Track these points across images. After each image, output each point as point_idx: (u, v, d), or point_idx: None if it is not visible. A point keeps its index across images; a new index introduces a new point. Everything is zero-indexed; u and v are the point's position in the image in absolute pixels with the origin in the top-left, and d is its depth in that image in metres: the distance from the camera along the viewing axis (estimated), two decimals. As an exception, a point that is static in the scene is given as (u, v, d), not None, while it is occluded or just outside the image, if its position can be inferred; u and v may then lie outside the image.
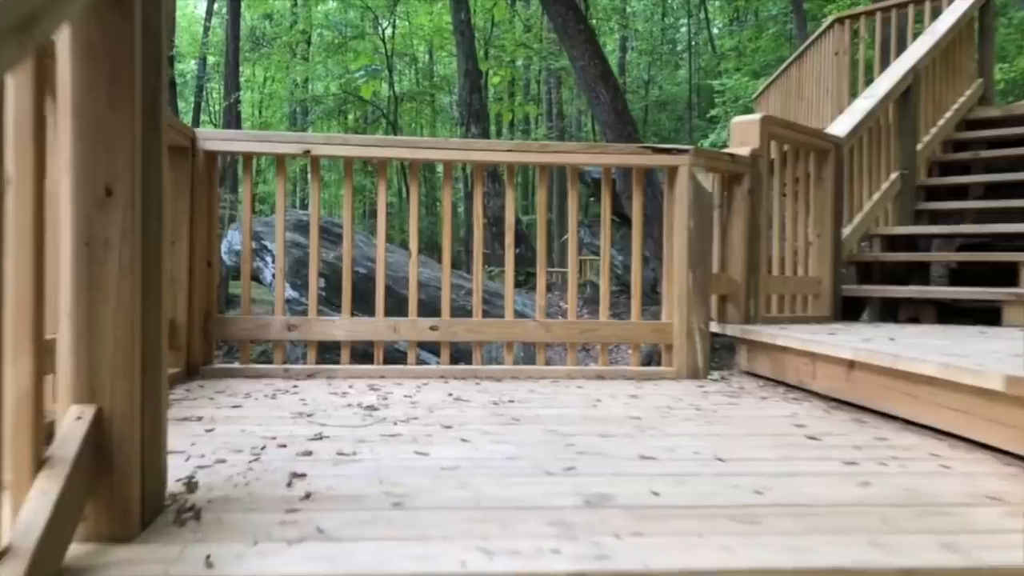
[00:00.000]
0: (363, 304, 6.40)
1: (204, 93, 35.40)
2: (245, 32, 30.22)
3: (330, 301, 6.84)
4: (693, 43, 40.36)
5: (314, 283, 4.19)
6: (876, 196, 5.82)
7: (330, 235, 8.10)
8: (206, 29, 33.33)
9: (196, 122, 35.22)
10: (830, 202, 5.19)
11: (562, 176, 26.86)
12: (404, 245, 29.44)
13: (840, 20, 8.06)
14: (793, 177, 5.12)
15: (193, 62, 34.53)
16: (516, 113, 17.45)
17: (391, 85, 22.29)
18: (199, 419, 2.84)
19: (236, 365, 4.03)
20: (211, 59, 32.54)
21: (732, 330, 4.45)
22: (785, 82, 9.92)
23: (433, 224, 29.34)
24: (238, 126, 25.78)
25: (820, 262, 5.20)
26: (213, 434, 2.55)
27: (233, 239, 7.50)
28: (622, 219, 9.42)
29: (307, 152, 4.07)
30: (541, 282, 4.42)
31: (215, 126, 36.83)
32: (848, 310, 5.39)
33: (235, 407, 3.09)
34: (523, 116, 27.42)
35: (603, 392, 3.63)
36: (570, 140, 27.37)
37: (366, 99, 15.55)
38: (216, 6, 34.41)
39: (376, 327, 4.15)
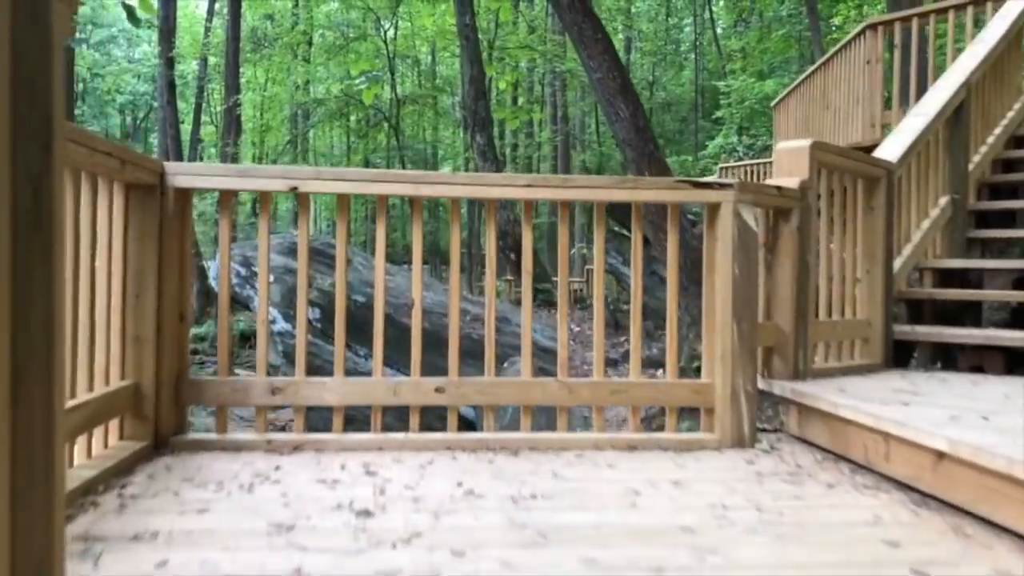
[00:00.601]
0: (360, 336, 5.80)
1: (205, 94, 34.85)
2: (246, 33, 29.64)
3: (325, 333, 6.28)
4: (697, 43, 39.76)
5: (302, 333, 3.63)
6: (926, 224, 5.25)
7: (325, 258, 7.49)
8: (207, 30, 32.75)
9: (197, 123, 34.66)
10: (881, 235, 4.62)
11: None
12: (406, 259, 28.90)
13: (872, 26, 7.48)
14: (841, 206, 4.56)
15: (194, 63, 33.97)
16: (521, 118, 16.87)
17: (393, 87, 21.73)
18: (153, 536, 2.27)
19: (212, 436, 3.47)
20: (212, 60, 31.97)
21: (780, 388, 3.88)
22: (807, 89, 9.35)
23: (436, 229, 28.75)
24: (238, 130, 25.21)
25: (870, 302, 4.63)
26: (165, 573, 1.99)
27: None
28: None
29: (294, 189, 3.51)
30: (563, 332, 3.85)
31: (215, 127, 36.28)
32: (896, 352, 4.82)
33: (201, 511, 2.52)
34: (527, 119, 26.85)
35: (640, 476, 3.06)
36: (575, 143, 26.81)
37: (367, 104, 14.99)
38: (217, 6, 33.84)
39: (373, 389, 3.59)
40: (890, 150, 4.80)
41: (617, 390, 3.74)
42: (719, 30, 37.38)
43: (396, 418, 4.24)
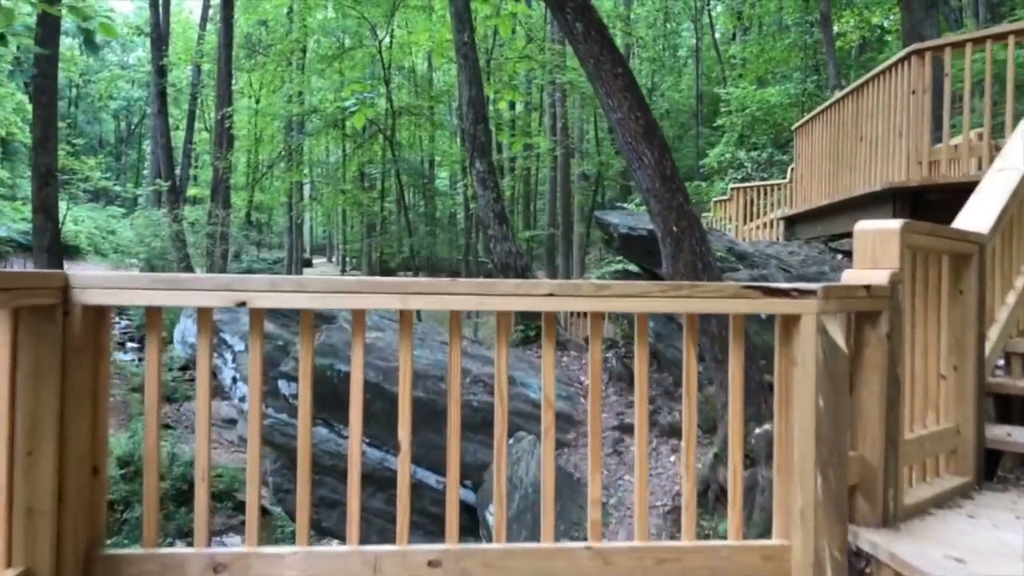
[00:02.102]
0: (345, 412, 4.88)
1: (199, 100, 33.94)
2: (240, 40, 28.72)
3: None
4: (697, 49, 38.87)
5: (254, 490, 2.76)
6: (1012, 298, 4.38)
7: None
8: (200, 37, 31.83)
9: (190, 130, 33.75)
10: (972, 323, 3.75)
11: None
12: (399, 264, 28.01)
13: (919, 52, 6.60)
14: (923, 289, 3.68)
15: (188, 69, 33.05)
16: (522, 141, 15.94)
17: (388, 98, 20.82)
18: None
19: (131, 637, 2.59)
20: (206, 66, 31.03)
21: (869, 544, 3.01)
22: (836, 115, 8.47)
23: (432, 241, 27.82)
24: (229, 143, 24.31)
25: (958, 404, 3.76)
26: None
27: (187, 329, 5.99)
28: (651, 275, 7.97)
29: (242, 304, 2.63)
30: (595, 487, 2.98)
31: (208, 133, 35.32)
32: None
33: None
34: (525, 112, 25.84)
35: None
36: (574, 152, 25.87)
37: (358, 127, 14.15)
38: (210, 12, 32.91)
39: (346, 564, 2.71)
40: (978, 218, 3.93)
41: (665, 558, 2.86)
42: (717, 34, 36.52)
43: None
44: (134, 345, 26.04)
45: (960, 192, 6.62)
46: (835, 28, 25.95)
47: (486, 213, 9.73)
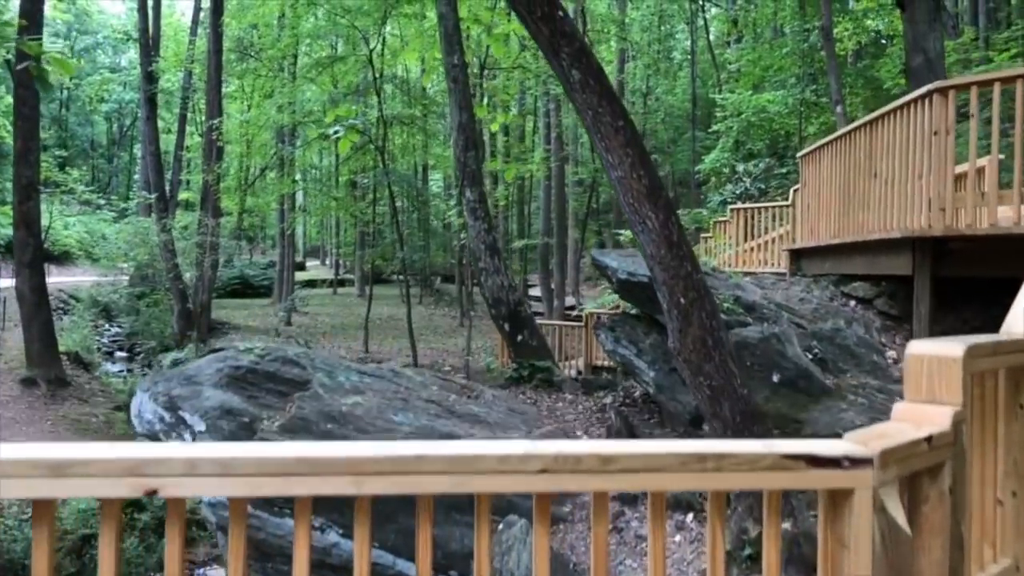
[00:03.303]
0: (324, 501, 4.25)
1: (191, 104, 33.24)
2: (231, 43, 28.03)
3: (271, 502, 4.76)
4: (692, 52, 38.33)
5: None
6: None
7: (279, 384, 5.91)
8: (191, 42, 31.12)
9: (181, 135, 33.03)
10: (1033, 445, 3.18)
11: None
12: (393, 271, 27.31)
13: (941, 91, 6.03)
14: (980, 411, 3.12)
15: (180, 73, 32.36)
16: (520, 171, 15.36)
17: (380, 108, 20.22)
18: None
19: None
20: (198, 69, 30.35)
21: None
22: (846, 147, 7.91)
23: (425, 255, 27.21)
24: (219, 156, 23.67)
25: (1017, 535, 3.20)
26: None
27: (143, 405, 5.37)
28: (650, 320, 7.39)
29: (152, 493, 2.04)
30: None
31: (200, 136, 34.62)
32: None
33: None
34: (518, 135, 25.32)
35: None
36: (574, 166, 25.28)
37: (341, 153, 13.65)
38: (201, 15, 32.19)
39: None
40: (1037, 318, 3.35)
41: None
42: (712, 38, 35.94)
43: None
44: (123, 355, 25.43)
45: (986, 242, 6.09)
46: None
47: (477, 244, 9.18)
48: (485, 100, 17.78)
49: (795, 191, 10.98)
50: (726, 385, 4.45)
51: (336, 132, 8.60)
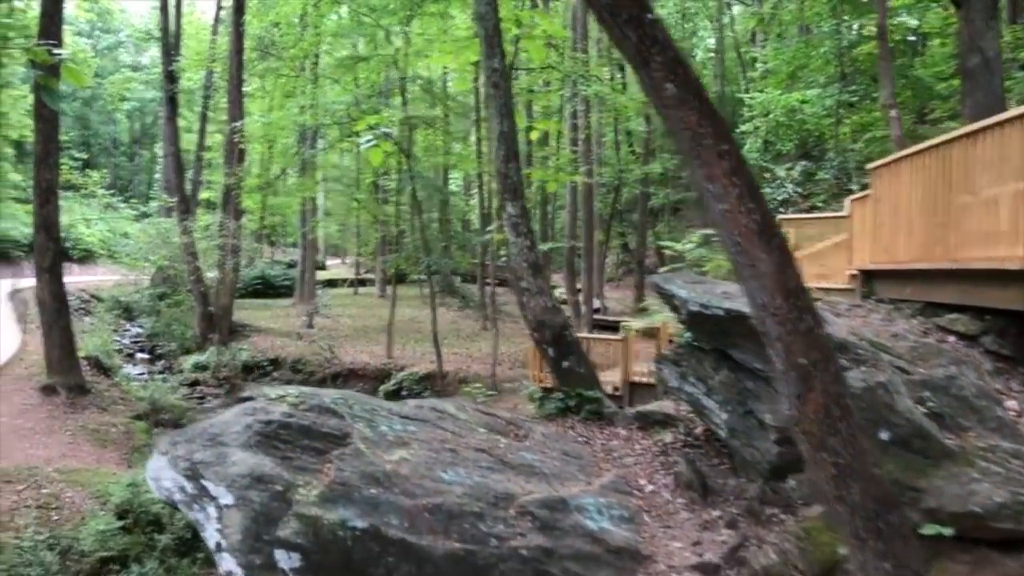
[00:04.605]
0: None
1: (211, 103, 32.58)
2: (252, 42, 27.28)
3: (311, 591, 4.03)
4: (716, 51, 37.29)
5: None
6: None
7: (315, 440, 5.07)
8: (212, 41, 30.44)
9: (202, 134, 32.40)
10: None
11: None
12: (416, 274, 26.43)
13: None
14: None
15: (201, 72, 31.70)
16: (560, 182, 14.43)
17: (404, 109, 19.47)
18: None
19: None
20: (219, 68, 29.66)
21: None
22: (935, 162, 7.02)
23: (449, 261, 26.37)
24: (240, 158, 22.93)
25: None
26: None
27: (161, 471, 4.54)
28: (721, 355, 6.51)
29: None
30: None
31: (220, 135, 33.96)
32: None
33: None
34: (542, 135, 24.38)
35: None
36: (602, 167, 24.42)
37: (375, 166, 12.93)
38: (222, 14, 31.50)
39: None
40: None
41: None
42: (737, 36, 34.93)
43: None
44: (144, 356, 24.79)
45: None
46: (864, 32, 24.40)
47: (518, 262, 8.36)
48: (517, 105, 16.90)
49: (853, 201, 10.09)
50: (855, 464, 3.63)
51: (369, 141, 7.80)
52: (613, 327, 19.12)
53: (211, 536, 4.23)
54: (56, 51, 5.35)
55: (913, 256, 7.30)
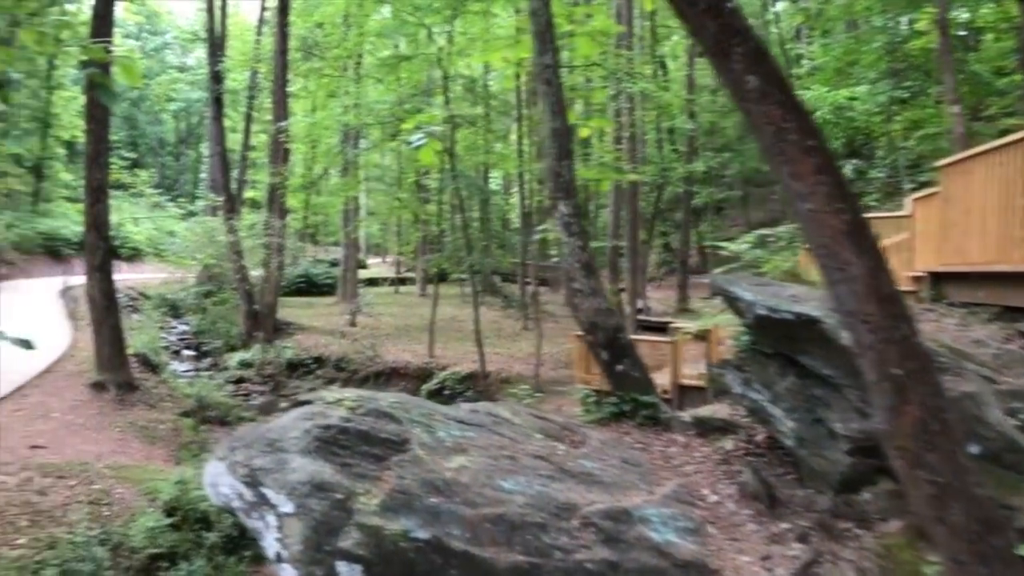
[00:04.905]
0: None
1: (255, 102, 32.84)
2: (296, 43, 27.40)
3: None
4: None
5: None
6: None
7: (373, 446, 4.91)
8: (256, 41, 30.67)
9: (247, 134, 32.68)
10: None
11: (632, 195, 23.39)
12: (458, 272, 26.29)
13: None
14: None
15: (246, 72, 31.98)
16: (610, 180, 14.00)
17: (447, 106, 19.33)
18: None
19: None
20: (263, 68, 29.87)
21: None
22: (1014, 159, 6.65)
23: (492, 260, 26.20)
24: (285, 158, 23.01)
25: None
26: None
27: (219, 477, 4.42)
28: (788, 360, 6.24)
29: None
30: None
31: (264, 135, 34.19)
32: None
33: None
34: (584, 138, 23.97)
35: None
36: (645, 165, 24.03)
37: (425, 164, 12.83)
38: (267, 15, 31.72)
39: None
40: None
41: None
42: (782, 32, 34.25)
43: None
44: (190, 353, 25.00)
45: None
46: (914, 27, 23.69)
47: (571, 263, 8.14)
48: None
49: (916, 200, 9.69)
50: (956, 483, 3.37)
51: (419, 139, 7.64)
52: (658, 328, 18.78)
53: (270, 546, 4.10)
54: (111, 49, 5.29)
55: (988, 258, 6.94)
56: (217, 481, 4.45)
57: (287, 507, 4.06)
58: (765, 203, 35.29)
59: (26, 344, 3.71)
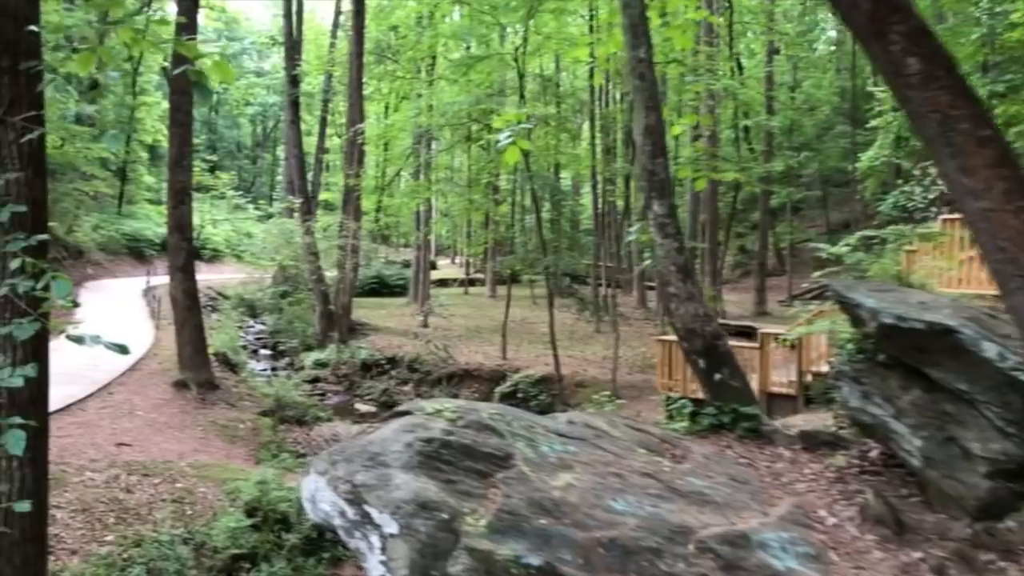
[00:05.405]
0: None
1: (330, 106, 33.20)
2: (369, 46, 27.55)
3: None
4: (840, 43, 35.38)
5: None
6: None
7: (476, 460, 4.58)
8: (331, 45, 30.96)
9: (322, 137, 33.07)
10: None
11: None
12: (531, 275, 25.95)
13: None
14: None
15: (320, 77, 32.35)
16: (708, 177, 13.44)
17: (521, 106, 19.04)
18: None
19: None
20: (338, 72, 30.15)
21: None
22: None
23: (569, 259, 25.81)
24: (361, 160, 23.08)
25: None
26: None
27: (319, 493, 4.20)
28: (912, 371, 5.68)
29: None
30: None
31: (338, 138, 34.54)
32: None
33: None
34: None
35: None
36: (722, 162, 23.36)
37: (509, 164, 12.56)
38: (341, 19, 32.01)
39: None
40: None
41: None
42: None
43: None
44: (267, 352, 25.31)
45: None
46: (1013, 18, 22.36)
47: (666, 266, 7.73)
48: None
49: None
50: None
51: (507, 138, 7.32)
52: (740, 332, 18.09)
53: (374, 568, 3.84)
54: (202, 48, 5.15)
55: None
56: (316, 497, 4.23)
57: (392, 527, 3.80)
58: (845, 203, 34.04)
59: (122, 349, 3.55)
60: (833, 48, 39.58)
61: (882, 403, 5.73)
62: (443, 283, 36.59)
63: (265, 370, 22.59)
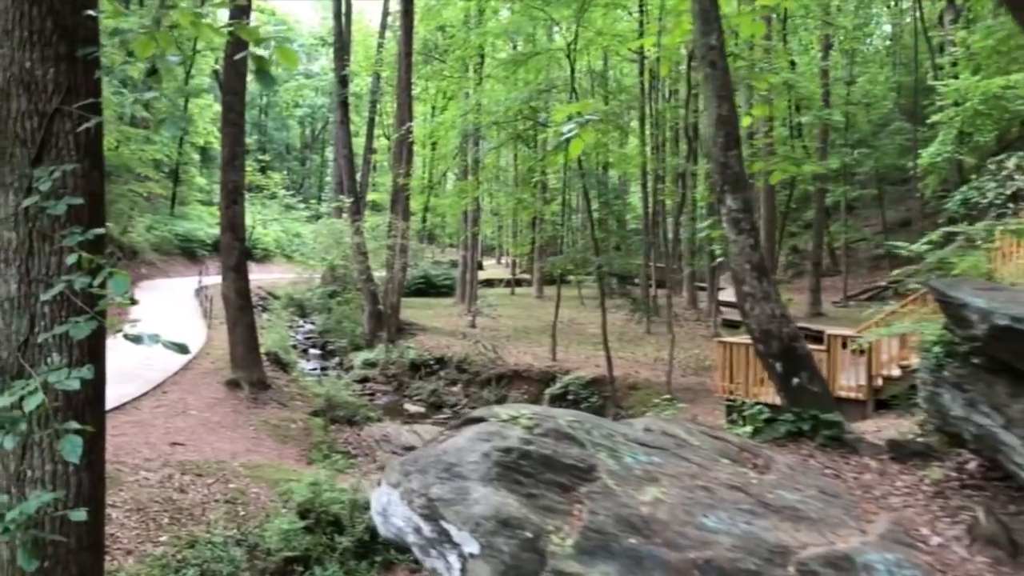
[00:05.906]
0: None
1: (378, 107, 33.21)
2: (417, 46, 27.45)
3: None
4: (898, 37, 34.38)
5: None
6: None
7: (556, 472, 4.01)
8: (379, 45, 30.95)
9: (370, 137, 33.09)
10: None
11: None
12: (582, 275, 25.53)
13: None
14: None
15: (368, 78, 32.37)
16: (788, 170, 12.76)
17: (573, 100, 18.65)
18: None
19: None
20: (386, 72, 30.11)
21: None
22: None
23: (622, 259, 25.36)
24: (409, 159, 22.90)
25: None
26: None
27: (391, 504, 3.90)
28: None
29: None
30: None
31: (386, 139, 34.53)
32: None
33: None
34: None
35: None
36: (784, 158, 22.62)
37: (569, 159, 12.24)
38: (389, 20, 32.00)
39: None
40: None
41: None
42: (918, 15, 31.85)
43: None
44: (316, 352, 25.31)
45: None
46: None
47: (741, 264, 7.29)
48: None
49: None
50: None
51: (571, 130, 6.99)
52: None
53: (452, 586, 3.52)
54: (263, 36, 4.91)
55: None
56: (389, 511, 3.92)
57: (472, 547, 3.47)
58: (901, 202, 32.98)
59: (181, 348, 3.32)
60: (888, 43, 38.42)
61: (990, 412, 5.23)
62: (489, 283, 36.36)
63: (315, 370, 22.57)
